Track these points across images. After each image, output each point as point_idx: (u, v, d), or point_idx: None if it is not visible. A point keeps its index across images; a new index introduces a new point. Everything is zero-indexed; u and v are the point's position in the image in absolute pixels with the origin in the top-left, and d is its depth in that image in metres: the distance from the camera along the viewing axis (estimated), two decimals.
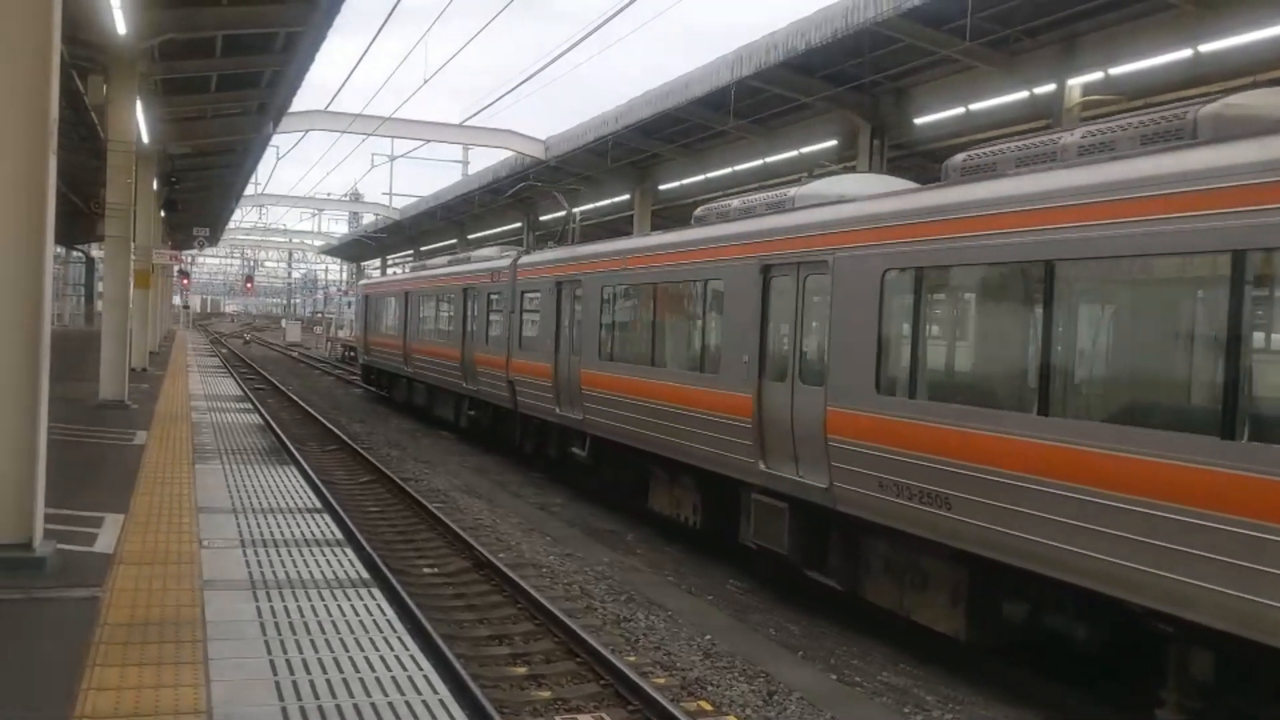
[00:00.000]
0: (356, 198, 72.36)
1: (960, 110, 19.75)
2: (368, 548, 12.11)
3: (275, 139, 33.49)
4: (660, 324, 14.14)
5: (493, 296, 21.17)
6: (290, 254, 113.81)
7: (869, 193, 10.75)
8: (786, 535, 10.92)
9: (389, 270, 72.51)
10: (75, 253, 66.26)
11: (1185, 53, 15.55)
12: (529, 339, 19.04)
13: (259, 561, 8.35)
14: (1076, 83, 17.14)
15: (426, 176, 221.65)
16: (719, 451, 12.04)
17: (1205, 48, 15.27)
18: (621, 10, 17.85)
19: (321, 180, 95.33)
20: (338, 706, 5.38)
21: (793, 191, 11.98)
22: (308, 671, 5.86)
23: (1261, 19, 14.14)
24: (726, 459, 11.92)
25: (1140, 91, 17.19)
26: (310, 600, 7.31)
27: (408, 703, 5.50)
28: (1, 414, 7.17)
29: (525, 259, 20.19)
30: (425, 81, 26.37)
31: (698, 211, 13.93)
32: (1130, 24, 15.74)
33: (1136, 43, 15.82)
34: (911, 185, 11.03)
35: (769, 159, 25.53)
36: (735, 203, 13.30)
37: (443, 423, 25.88)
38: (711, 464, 12.33)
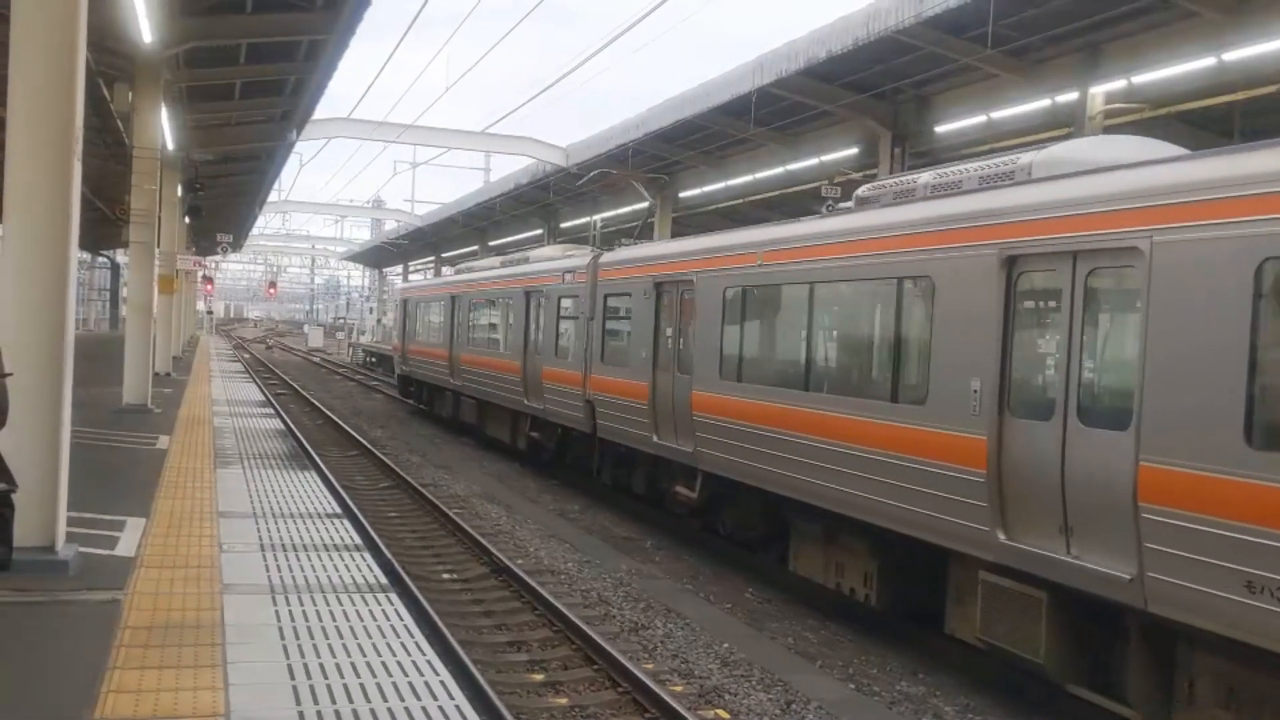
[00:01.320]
0: (378, 204, 72.76)
1: (982, 118, 19.69)
2: (387, 553, 12.15)
3: (298, 146, 33.76)
4: (819, 335, 11.20)
5: (565, 301, 18.32)
6: (313, 260, 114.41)
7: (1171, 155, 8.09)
8: (1044, 638, 7.94)
9: (411, 275, 72.80)
10: (100, 258, 66.90)
11: (1209, 60, 15.46)
12: (615, 351, 16.25)
13: (278, 566, 8.40)
14: (1099, 91, 17.06)
15: (448, 183, 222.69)
16: (922, 511, 9.07)
17: (1229, 55, 15.17)
18: (642, 19, 17.92)
19: (344, 187, 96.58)
20: (355, 711, 5.40)
21: (1027, 158, 9.11)
22: (325, 676, 5.89)
23: None
24: (936, 522, 8.96)
25: (1163, 99, 17.11)
26: (329, 605, 7.34)
27: (424, 708, 5.51)
28: (25, 418, 7.23)
29: (610, 257, 17.06)
30: (447, 89, 26.51)
31: (861, 191, 11.22)
32: (1153, 32, 15.65)
33: (1159, 50, 15.73)
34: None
35: (790, 166, 25.52)
36: (925, 176, 10.19)
37: (496, 445, 23.20)
38: (906, 525, 9.38)
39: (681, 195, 31.76)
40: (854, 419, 10.10)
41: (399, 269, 78.76)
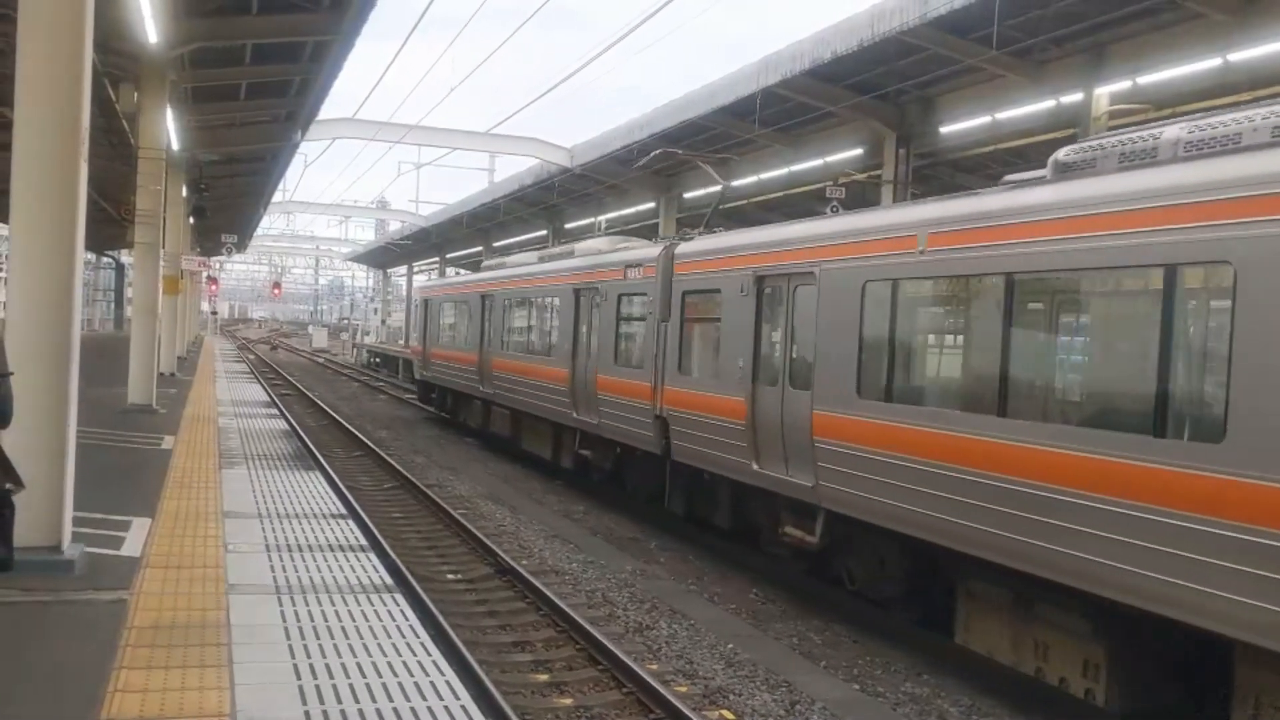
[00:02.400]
0: (383, 205, 72.75)
1: (987, 119, 19.68)
2: (391, 553, 12.16)
3: (303, 146, 33.77)
4: (1024, 344, 8.64)
5: (627, 299, 15.82)
6: (317, 260, 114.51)
7: None
8: None
9: (418, 275, 72.75)
10: (106, 258, 67.02)
11: (1214, 61, 15.44)
12: (698, 359, 13.86)
13: (283, 566, 8.40)
14: (1104, 91, 17.05)
15: (452, 184, 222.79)
16: (1205, 589, 6.69)
17: (1234, 56, 15.15)
18: (647, 20, 17.91)
19: (349, 187, 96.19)
20: (360, 711, 5.41)
21: None
22: (331, 676, 5.89)
23: None
24: (1233, 608, 6.54)
25: (1168, 100, 17.09)
26: (334, 605, 7.35)
27: (430, 708, 5.52)
28: (31, 418, 7.24)
29: (690, 246, 14.30)
30: (451, 90, 26.38)
31: (1063, 154, 8.79)
32: (1159, 33, 15.64)
33: (1165, 51, 15.72)
34: None
35: (794, 167, 25.52)
36: (1171, 131, 7.84)
37: (536, 461, 20.72)
38: (1173, 607, 7.00)
39: (686, 196, 31.79)
40: (1084, 457, 7.61)
41: (403, 269, 78.81)
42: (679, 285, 14.18)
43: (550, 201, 37.96)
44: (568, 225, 41.67)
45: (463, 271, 55.91)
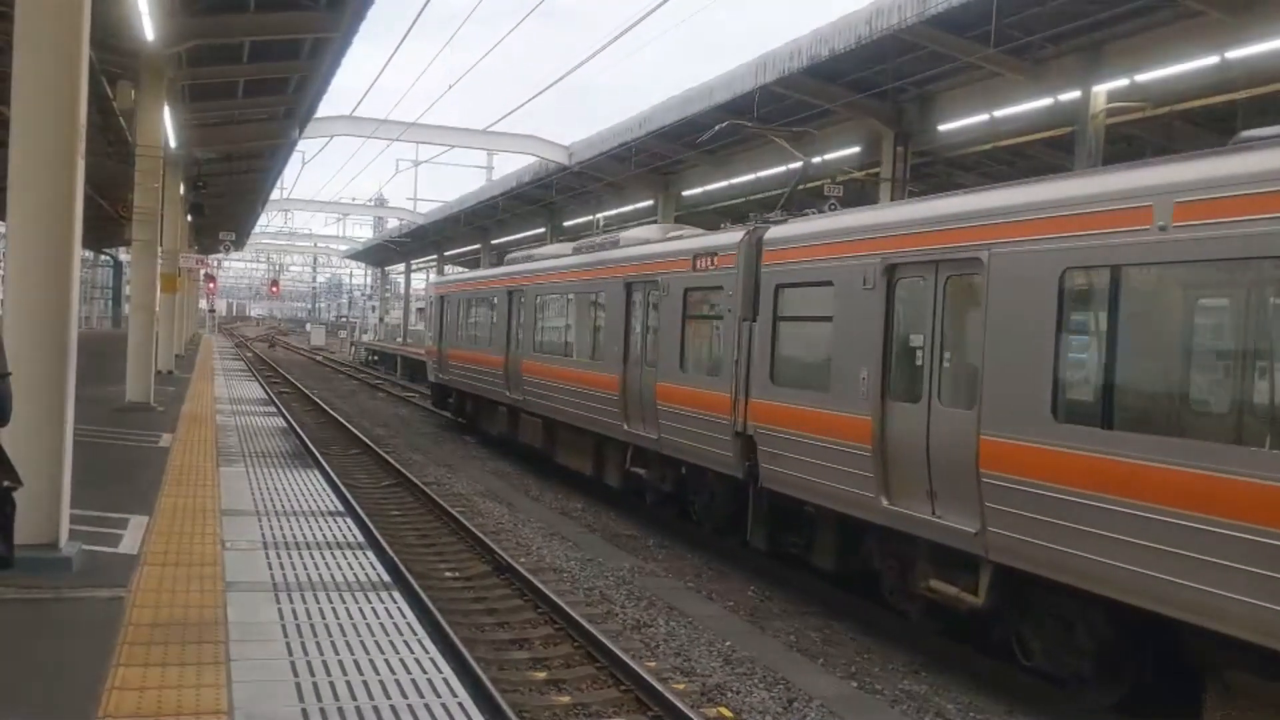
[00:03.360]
0: (381, 203, 72.70)
1: (984, 117, 19.69)
2: (389, 551, 12.16)
3: (301, 144, 33.76)
4: None
5: (697, 295, 13.62)
6: (315, 258, 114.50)
7: None
8: None
9: (415, 272, 72.71)
10: (103, 256, 66.99)
11: (1212, 59, 15.45)
12: (799, 367, 11.58)
13: (281, 564, 8.41)
14: (1101, 89, 17.06)
15: (451, 182, 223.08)
16: None
17: (1232, 54, 15.16)
18: (645, 18, 17.90)
19: (346, 185, 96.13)
20: (358, 708, 5.41)
21: None
22: (329, 673, 5.89)
23: None
24: None
25: (1166, 98, 17.10)
26: (332, 602, 7.35)
27: (427, 705, 5.52)
28: (28, 415, 7.22)
29: (784, 231, 11.85)
30: (450, 87, 26.45)
31: None
32: (1156, 30, 15.65)
33: (1162, 49, 15.73)
34: None
35: (792, 165, 25.48)
36: None
37: (573, 476, 18.45)
38: None
39: (684, 194, 31.79)
40: None
41: (401, 267, 78.81)
42: (771, 278, 11.77)
43: (548, 199, 37.97)
44: (566, 223, 41.68)
45: (459, 269, 55.84)
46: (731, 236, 12.84)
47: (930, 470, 9.06)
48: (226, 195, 39.95)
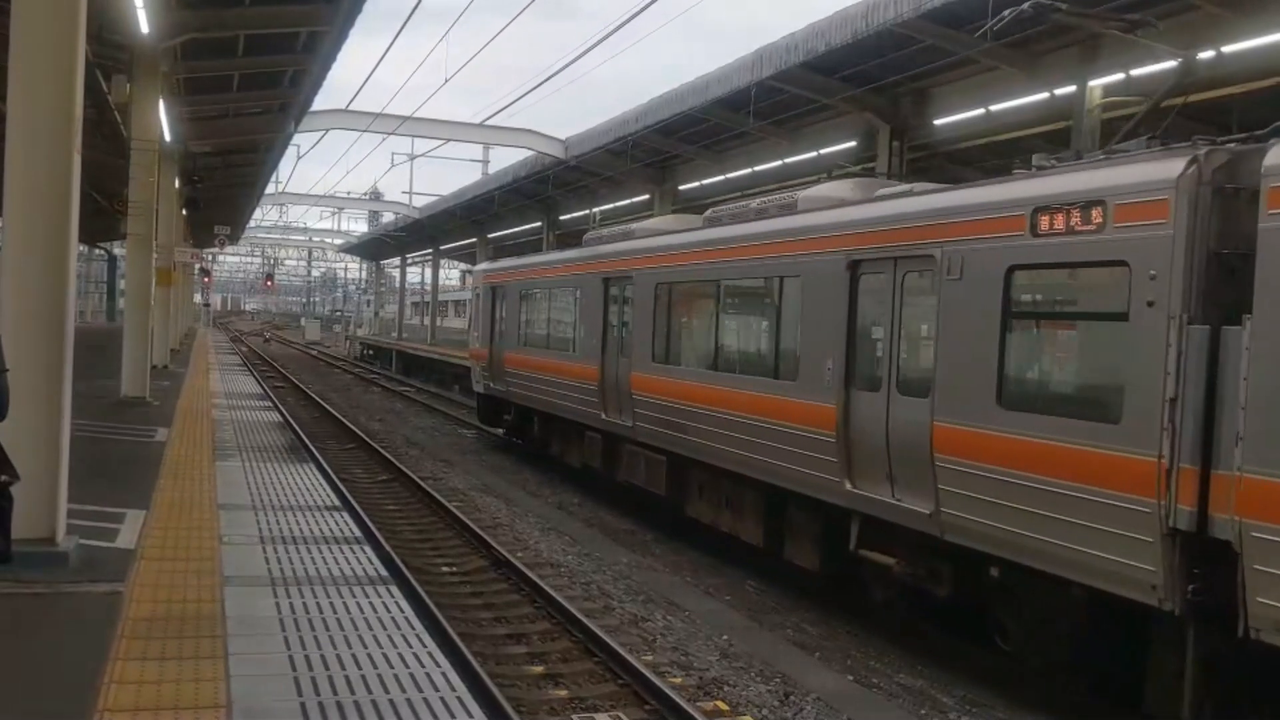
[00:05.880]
0: (376, 196, 72.57)
1: (981, 111, 19.68)
2: (386, 546, 12.15)
3: (296, 138, 33.63)
4: None
5: (1045, 280, 8.43)
6: (310, 252, 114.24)
7: None
8: None
9: (410, 267, 72.47)
10: (98, 250, 66.83)
11: (1208, 54, 15.44)
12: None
13: (279, 558, 8.41)
14: (1097, 84, 17.05)
15: (446, 175, 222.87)
16: None
17: (1229, 49, 15.16)
18: (643, 10, 17.85)
19: (341, 179, 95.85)
20: (356, 702, 5.42)
21: None
22: (326, 667, 5.90)
23: None
24: None
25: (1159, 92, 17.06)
26: (329, 597, 7.36)
27: (425, 699, 5.52)
28: (25, 410, 7.22)
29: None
30: (446, 81, 26.39)
31: None
32: (1152, 26, 15.61)
33: (1159, 44, 15.70)
34: None
35: (788, 160, 25.51)
36: None
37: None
38: None
39: (681, 188, 31.76)
40: None
41: (397, 261, 78.67)
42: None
43: (545, 193, 37.91)
44: (562, 217, 41.64)
45: (454, 264, 55.72)
46: (1146, 170, 7.30)
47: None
48: (222, 189, 39.86)
